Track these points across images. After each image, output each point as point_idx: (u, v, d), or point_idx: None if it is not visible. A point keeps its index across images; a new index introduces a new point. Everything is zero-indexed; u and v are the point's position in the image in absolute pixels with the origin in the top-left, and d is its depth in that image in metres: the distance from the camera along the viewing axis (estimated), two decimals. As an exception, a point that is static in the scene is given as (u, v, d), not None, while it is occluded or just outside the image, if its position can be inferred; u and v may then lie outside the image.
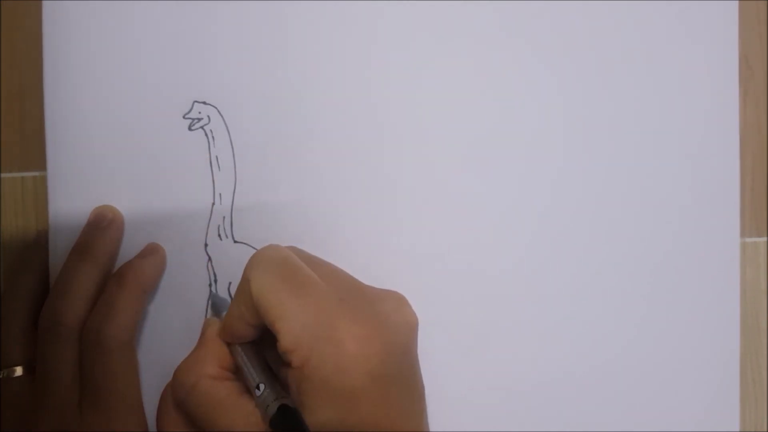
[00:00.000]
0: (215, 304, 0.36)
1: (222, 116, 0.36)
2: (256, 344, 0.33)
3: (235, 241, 0.36)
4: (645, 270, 0.38)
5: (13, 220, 0.38)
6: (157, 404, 0.35)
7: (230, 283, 0.36)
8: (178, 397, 0.32)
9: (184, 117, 0.36)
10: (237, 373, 0.33)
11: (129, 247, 0.36)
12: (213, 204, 0.36)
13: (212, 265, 0.36)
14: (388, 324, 0.31)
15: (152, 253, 0.36)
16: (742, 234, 0.40)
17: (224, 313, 0.34)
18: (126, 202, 0.36)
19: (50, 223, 0.36)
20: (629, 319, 0.38)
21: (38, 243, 0.36)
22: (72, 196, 0.36)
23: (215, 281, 0.36)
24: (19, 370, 0.35)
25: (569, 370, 0.38)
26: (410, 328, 0.32)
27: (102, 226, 0.35)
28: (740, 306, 0.39)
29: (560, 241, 0.38)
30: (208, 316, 0.36)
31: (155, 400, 0.35)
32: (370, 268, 0.37)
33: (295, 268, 0.32)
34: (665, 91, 0.39)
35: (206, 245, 0.36)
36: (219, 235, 0.36)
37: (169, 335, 0.36)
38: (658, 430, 0.38)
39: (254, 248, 0.36)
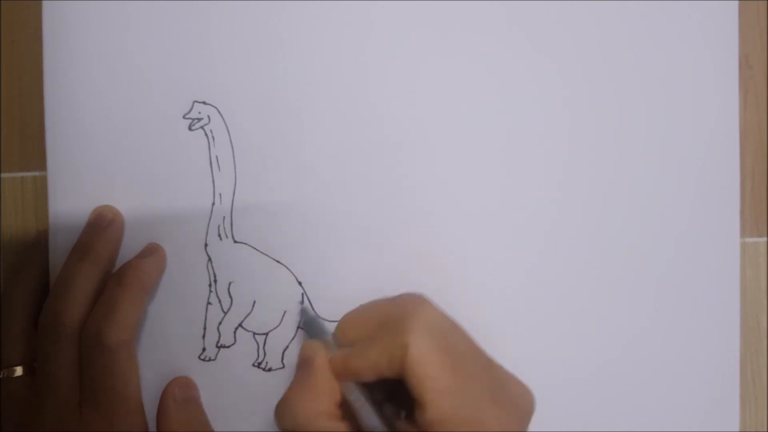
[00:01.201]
0: (314, 323, 0.35)
1: (222, 116, 0.36)
2: (369, 384, 0.32)
3: (235, 241, 0.36)
4: (645, 270, 0.38)
5: (13, 220, 0.38)
6: (157, 404, 0.35)
7: (230, 283, 0.36)
8: (286, 430, 0.31)
9: (184, 117, 0.36)
10: (344, 409, 0.32)
11: (129, 247, 0.36)
12: (213, 204, 0.36)
13: (212, 265, 0.36)
14: (520, 409, 0.32)
15: (152, 253, 0.36)
16: (743, 234, 0.40)
17: (328, 337, 0.33)
18: (126, 202, 0.36)
19: (50, 223, 0.36)
20: (629, 319, 0.38)
21: (38, 243, 0.36)
22: (72, 196, 0.36)
23: (215, 281, 0.36)
24: (19, 370, 0.35)
25: (570, 370, 0.38)
26: (530, 415, 0.33)
27: (102, 226, 0.35)
28: (740, 306, 0.39)
29: (560, 241, 0.38)
30: (305, 338, 0.35)
31: (155, 400, 0.35)
32: (370, 268, 0.37)
33: (454, 341, 0.31)
34: (665, 90, 0.39)
35: (206, 245, 0.36)
36: (219, 235, 0.36)
37: (170, 335, 0.36)
38: (658, 430, 0.38)
39: (254, 248, 0.36)
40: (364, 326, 0.33)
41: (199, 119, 0.36)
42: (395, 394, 0.31)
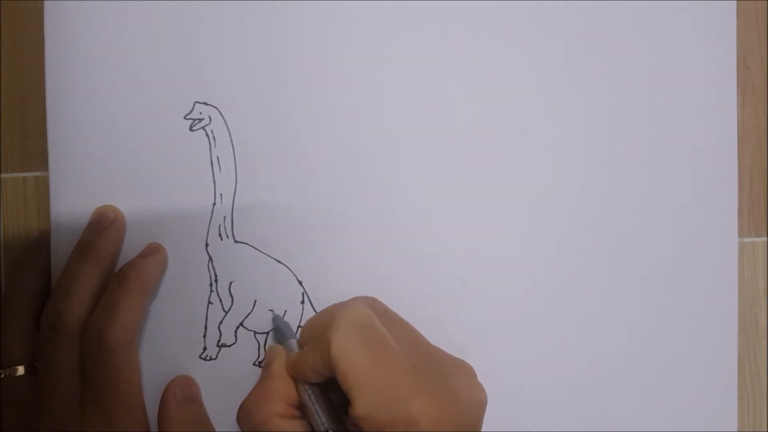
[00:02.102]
0: (279, 330, 0.36)
1: (223, 117, 0.36)
2: (321, 385, 0.33)
3: (236, 241, 0.36)
4: (644, 270, 0.39)
5: (15, 220, 0.39)
6: (158, 403, 0.35)
7: (231, 283, 0.36)
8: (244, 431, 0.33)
9: (185, 117, 0.36)
10: (301, 409, 0.33)
11: (130, 247, 0.36)
12: (214, 204, 0.36)
13: (213, 265, 0.36)
14: (460, 402, 0.32)
15: (153, 252, 0.36)
16: (741, 234, 0.40)
17: (290, 341, 0.35)
18: (127, 202, 0.36)
19: (52, 223, 0.36)
20: (628, 318, 0.38)
21: (40, 243, 0.37)
22: (73, 196, 0.36)
23: (216, 281, 0.36)
24: (20, 370, 0.35)
25: (568, 370, 0.38)
26: (480, 407, 0.33)
27: (104, 226, 0.35)
28: (738, 306, 0.39)
29: (559, 241, 0.38)
30: (271, 343, 0.36)
31: (156, 399, 0.35)
32: (370, 268, 0.37)
33: (377, 334, 0.32)
34: (664, 90, 0.39)
35: (207, 245, 0.36)
36: (220, 235, 0.36)
37: (171, 335, 0.36)
38: (656, 430, 0.38)
39: (255, 248, 0.37)
40: (313, 328, 0.35)
41: (200, 120, 0.36)
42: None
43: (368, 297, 0.36)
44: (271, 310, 0.36)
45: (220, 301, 0.36)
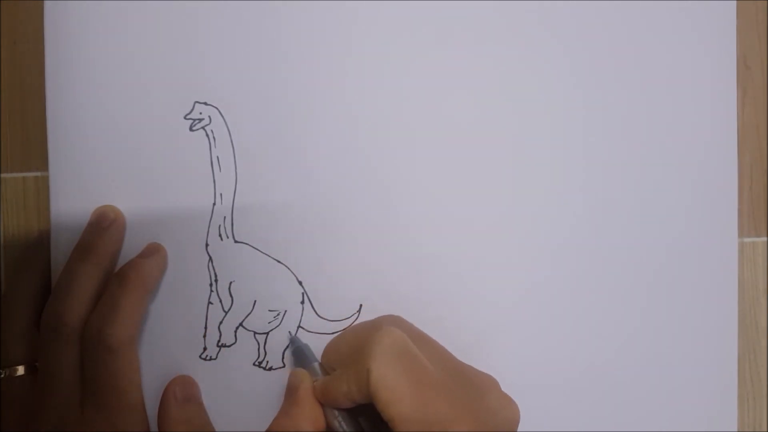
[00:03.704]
0: (301, 352, 0.36)
1: (223, 117, 0.36)
2: (350, 410, 0.33)
3: (236, 241, 0.37)
4: (644, 269, 0.39)
5: (15, 220, 0.39)
6: (159, 403, 0.35)
7: (231, 283, 0.36)
8: None
9: (185, 117, 0.36)
10: None
11: (130, 247, 0.36)
12: (214, 204, 0.36)
13: (213, 265, 0.36)
14: (498, 421, 0.32)
15: (154, 252, 0.36)
16: (741, 234, 0.40)
17: (314, 364, 0.35)
18: (127, 203, 0.36)
19: (52, 223, 0.36)
20: (628, 318, 0.38)
21: (40, 243, 0.37)
22: (73, 197, 0.36)
23: (216, 281, 0.36)
24: (20, 370, 0.35)
25: (569, 370, 0.38)
26: (515, 424, 0.33)
27: (103, 226, 0.35)
28: (738, 305, 0.39)
29: (559, 241, 0.38)
30: (293, 367, 0.36)
31: (156, 399, 0.35)
32: (370, 268, 0.37)
33: (414, 359, 0.32)
34: (663, 91, 0.39)
35: (207, 245, 0.36)
36: (220, 235, 0.36)
37: (171, 335, 0.36)
38: (656, 430, 0.39)
39: (255, 248, 0.37)
40: (342, 353, 0.35)
41: (200, 120, 0.36)
42: (381, 420, 0.32)
43: (393, 316, 0.36)
44: (290, 332, 0.36)
45: (220, 301, 0.36)
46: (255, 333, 0.37)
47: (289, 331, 0.36)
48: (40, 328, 0.34)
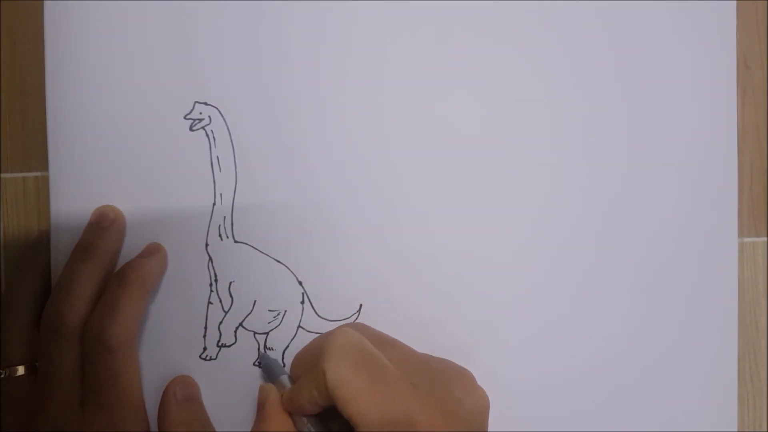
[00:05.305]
0: (268, 367, 0.36)
1: (223, 117, 0.36)
2: (319, 416, 0.33)
3: (236, 241, 0.37)
4: (644, 270, 0.39)
5: (14, 220, 0.39)
6: (159, 403, 0.35)
7: (231, 283, 0.36)
8: None
9: (185, 117, 0.36)
10: None
11: (130, 247, 0.36)
12: (214, 204, 0.36)
13: (213, 265, 0.36)
14: (462, 411, 0.32)
15: (153, 252, 0.36)
16: (741, 234, 0.40)
17: (281, 377, 0.35)
18: (127, 203, 0.36)
19: (52, 223, 0.36)
20: (628, 318, 0.38)
21: (40, 243, 0.37)
22: (73, 197, 0.36)
23: (216, 281, 0.36)
24: (21, 370, 0.35)
25: (568, 370, 0.38)
26: (483, 412, 0.33)
27: (103, 226, 0.35)
28: (738, 305, 0.39)
29: (559, 241, 0.38)
30: (261, 382, 0.36)
31: (156, 399, 0.35)
32: (370, 268, 0.37)
33: (370, 356, 0.32)
34: (663, 91, 0.39)
35: (207, 245, 0.36)
36: (220, 235, 0.36)
37: (171, 335, 0.36)
38: (656, 430, 0.39)
39: (255, 248, 0.37)
40: (306, 362, 0.35)
41: (200, 120, 0.36)
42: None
43: (356, 323, 0.36)
44: (258, 349, 0.36)
45: (220, 301, 0.36)
46: (255, 333, 0.37)
47: (258, 348, 0.36)
48: (40, 328, 0.34)
